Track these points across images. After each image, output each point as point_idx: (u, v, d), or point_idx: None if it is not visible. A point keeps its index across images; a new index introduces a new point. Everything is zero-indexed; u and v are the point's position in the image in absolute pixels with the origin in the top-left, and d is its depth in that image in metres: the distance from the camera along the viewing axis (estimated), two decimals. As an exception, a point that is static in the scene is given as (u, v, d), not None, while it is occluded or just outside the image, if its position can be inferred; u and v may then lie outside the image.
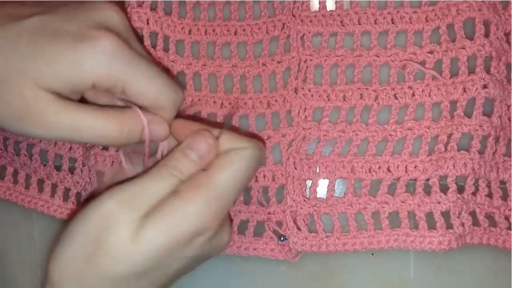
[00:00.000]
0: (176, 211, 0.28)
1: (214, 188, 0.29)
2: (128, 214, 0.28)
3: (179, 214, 0.28)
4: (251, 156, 0.30)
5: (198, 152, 0.30)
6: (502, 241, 0.35)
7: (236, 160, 0.29)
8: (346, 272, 0.37)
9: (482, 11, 0.34)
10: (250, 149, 0.30)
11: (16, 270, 0.43)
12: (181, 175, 0.29)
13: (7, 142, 0.43)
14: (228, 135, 0.30)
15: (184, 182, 0.29)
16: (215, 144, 0.30)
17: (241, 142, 0.30)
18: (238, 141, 0.30)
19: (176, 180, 0.29)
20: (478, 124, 0.34)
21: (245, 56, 0.38)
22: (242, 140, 0.30)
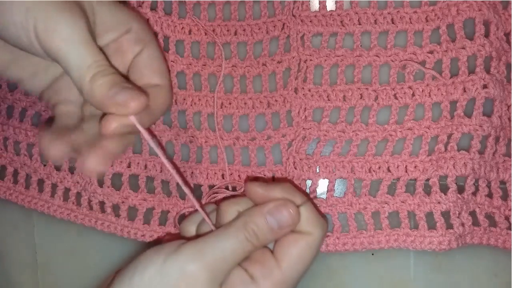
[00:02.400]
0: None
1: (285, 282, 0.30)
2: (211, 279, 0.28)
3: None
4: (318, 242, 0.31)
5: (280, 223, 0.30)
6: (502, 241, 0.35)
7: (304, 251, 0.30)
8: (346, 272, 0.37)
9: (482, 11, 0.34)
10: (319, 235, 0.31)
11: (16, 270, 0.43)
12: (257, 242, 0.30)
13: (7, 142, 0.43)
14: (305, 212, 0.31)
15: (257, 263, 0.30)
16: (298, 217, 0.30)
17: (313, 226, 0.31)
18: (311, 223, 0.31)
19: (251, 246, 0.30)
20: (478, 124, 0.34)
21: (245, 56, 0.38)
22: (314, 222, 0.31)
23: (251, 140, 0.38)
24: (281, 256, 0.30)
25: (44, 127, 0.33)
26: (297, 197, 0.31)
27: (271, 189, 0.31)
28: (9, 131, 0.43)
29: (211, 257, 0.29)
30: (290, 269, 0.30)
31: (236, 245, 0.29)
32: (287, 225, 0.30)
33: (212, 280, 0.28)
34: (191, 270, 0.28)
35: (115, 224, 0.40)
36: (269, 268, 0.30)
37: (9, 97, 0.43)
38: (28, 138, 0.42)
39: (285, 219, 0.30)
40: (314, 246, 0.30)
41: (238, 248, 0.29)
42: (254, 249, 0.30)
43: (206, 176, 0.38)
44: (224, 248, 0.29)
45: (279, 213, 0.30)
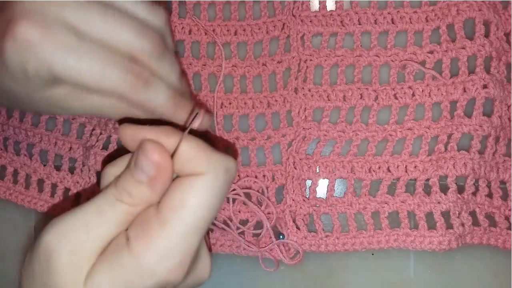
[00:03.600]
0: (129, 268, 0.23)
1: (170, 239, 0.23)
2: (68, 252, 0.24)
3: (132, 272, 0.23)
4: (212, 185, 0.24)
5: (145, 172, 0.24)
6: (502, 241, 0.35)
7: (193, 195, 0.24)
8: (346, 272, 0.37)
9: (482, 11, 0.34)
10: (212, 176, 0.24)
11: (16, 270, 0.43)
12: (131, 200, 0.24)
13: (7, 142, 0.43)
14: (188, 148, 0.24)
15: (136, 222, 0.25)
16: (164, 160, 0.24)
17: (202, 163, 0.24)
18: (198, 160, 0.24)
19: (125, 207, 0.24)
20: (478, 124, 0.34)
21: (245, 56, 0.38)
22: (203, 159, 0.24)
23: (251, 140, 0.38)
24: (162, 207, 0.24)
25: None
26: (174, 136, 0.24)
27: (143, 130, 0.25)
28: (9, 131, 0.43)
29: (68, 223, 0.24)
30: (172, 220, 0.23)
31: (103, 208, 0.24)
32: (153, 172, 0.24)
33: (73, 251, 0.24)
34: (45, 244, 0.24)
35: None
36: (146, 225, 0.24)
37: (9, 97, 0.43)
38: (28, 138, 0.42)
39: (147, 166, 0.24)
40: (205, 188, 0.24)
41: (106, 212, 0.24)
42: (134, 210, 0.25)
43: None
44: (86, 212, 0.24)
45: (141, 162, 0.24)
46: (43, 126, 0.42)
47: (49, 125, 0.42)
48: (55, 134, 0.41)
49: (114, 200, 0.25)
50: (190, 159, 0.24)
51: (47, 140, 0.41)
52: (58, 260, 0.24)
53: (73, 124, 0.41)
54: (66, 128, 0.41)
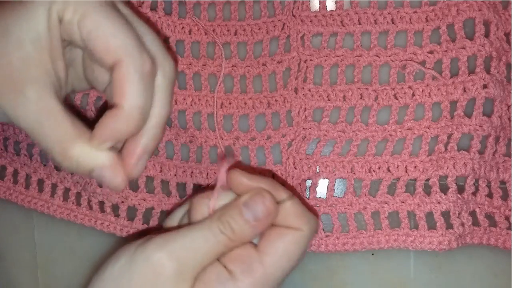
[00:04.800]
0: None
1: (267, 279, 0.28)
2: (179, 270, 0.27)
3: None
4: (306, 239, 0.29)
5: (254, 214, 0.28)
6: (502, 241, 0.35)
7: (291, 246, 0.28)
8: (346, 272, 0.37)
9: (482, 11, 0.34)
10: (308, 232, 0.29)
11: (16, 270, 0.43)
12: (232, 235, 0.28)
13: (7, 142, 0.43)
14: (291, 206, 0.29)
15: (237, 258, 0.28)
16: (274, 209, 0.28)
17: (301, 221, 0.29)
18: (299, 218, 0.29)
19: (226, 240, 0.28)
20: (478, 124, 0.34)
21: (245, 56, 0.38)
22: (303, 217, 0.29)
23: (251, 140, 0.38)
24: (265, 251, 0.28)
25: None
26: (281, 191, 0.29)
27: (255, 180, 0.29)
28: (9, 131, 0.43)
29: (179, 246, 0.27)
30: (273, 265, 0.28)
31: (209, 236, 0.27)
32: (262, 216, 0.28)
33: (180, 271, 0.27)
34: (157, 258, 0.27)
35: (114, 224, 0.40)
36: (249, 263, 0.28)
37: (9, 97, 0.43)
38: (28, 138, 0.42)
39: (260, 210, 0.28)
40: (301, 242, 0.28)
41: (210, 240, 0.27)
42: (231, 244, 0.28)
43: (206, 176, 0.38)
44: (194, 238, 0.27)
45: (254, 204, 0.28)
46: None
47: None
48: (55, 134, 0.41)
49: (218, 232, 0.28)
50: (292, 216, 0.29)
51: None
52: (167, 278, 0.27)
53: (73, 124, 0.41)
54: (66, 128, 0.41)
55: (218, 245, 0.28)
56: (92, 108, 0.41)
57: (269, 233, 0.29)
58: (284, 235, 0.28)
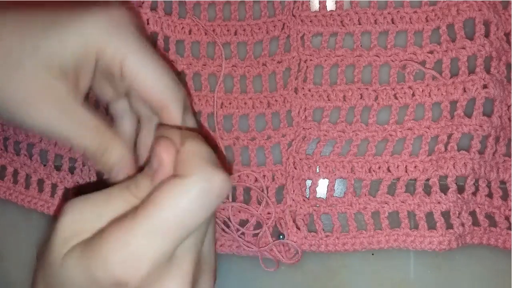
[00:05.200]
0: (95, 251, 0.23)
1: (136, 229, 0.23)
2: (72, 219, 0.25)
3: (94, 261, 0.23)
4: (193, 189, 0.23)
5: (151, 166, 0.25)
6: (502, 241, 0.35)
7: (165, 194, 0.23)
8: (346, 272, 0.37)
9: (482, 11, 0.34)
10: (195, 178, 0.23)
11: (16, 270, 0.43)
12: (136, 190, 0.25)
13: (7, 142, 0.43)
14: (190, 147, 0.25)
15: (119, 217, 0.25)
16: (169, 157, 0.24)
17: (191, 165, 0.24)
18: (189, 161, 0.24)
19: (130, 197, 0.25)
20: (478, 124, 0.34)
21: (245, 56, 0.38)
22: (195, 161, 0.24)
23: (251, 140, 0.38)
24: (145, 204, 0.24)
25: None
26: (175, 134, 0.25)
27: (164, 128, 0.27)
28: (9, 131, 0.43)
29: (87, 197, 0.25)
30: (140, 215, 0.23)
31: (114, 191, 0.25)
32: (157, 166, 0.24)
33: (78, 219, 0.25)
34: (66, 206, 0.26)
35: (115, 224, 0.39)
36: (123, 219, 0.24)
37: (9, 97, 0.43)
38: (28, 138, 0.42)
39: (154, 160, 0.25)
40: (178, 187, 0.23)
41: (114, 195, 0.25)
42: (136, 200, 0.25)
43: (206, 176, 0.38)
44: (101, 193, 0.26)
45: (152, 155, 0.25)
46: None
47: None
48: (55, 134, 0.41)
49: (124, 188, 0.26)
50: (184, 160, 0.24)
51: (47, 140, 0.41)
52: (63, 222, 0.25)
53: (73, 124, 0.41)
54: (66, 128, 0.41)
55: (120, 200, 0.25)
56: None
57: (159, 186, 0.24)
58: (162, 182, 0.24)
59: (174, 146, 0.25)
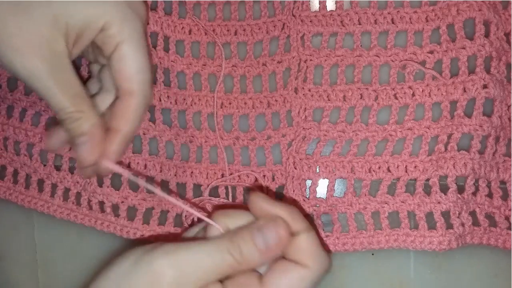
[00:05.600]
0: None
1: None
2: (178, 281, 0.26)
3: None
4: (312, 278, 0.27)
5: (265, 240, 0.27)
6: (502, 241, 0.35)
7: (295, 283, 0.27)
8: (346, 272, 0.37)
9: (482, 11, 0.34)
10: (315, 271, 0.27)
11: (16, 270, 0.43)
12: (239, 257, 0.27)
13: (7, 142, 0.43)
14: (305, 240, 0.27)
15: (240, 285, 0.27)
16: (286, 239, 0.27)
17: (311, 259, 0.27)
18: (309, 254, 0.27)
19: (232, 260, 0.27)
20: (478, 124, 0.34)
21: (245, 56, 0.38)
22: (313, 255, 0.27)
23: (251, 140, 0.38)
24: (267, 283, 0.27)
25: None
26: (299, 223, 0.28)
27: (275, 206, 0.28)
28: (9, 131, 0.43)
29: (184, 257, 0.26)
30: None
31: (215, 253, 0.27)
32: (273, 244, 0.27)
33: (179, 282, 0.26)
34: (159, 265, 0.26)
35: (114, 224, 0.40)
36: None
37: (9, 97, 0.43)
38: (28, 138, 0.42)
39: (272, 237, 0.27)
40: (307, 280, 0.27)
41: (216, 258, 0.27)
42: (237, 267, 0.27)
43: (206, 176, 0.38)
44: (200, 252, 0.27)
45: (267, 230, 0.27)
46: (43, 126, 0.42)
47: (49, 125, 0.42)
48: (55, 134, 0.41)
49: (226, 251, 0.27)
50: (303, 250, 0.27)
51: (47, 140, 0.41)
52: (164, 283, 0.26)
53: (73, 124, 0.41)
54: (66, 128, 0.41)
55: (223, 264, 0.27)
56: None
57: (276, 266, 0.28)
58: (290, 271, 0.27)
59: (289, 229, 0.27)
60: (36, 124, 0.42)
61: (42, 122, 0.42)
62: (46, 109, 0.42)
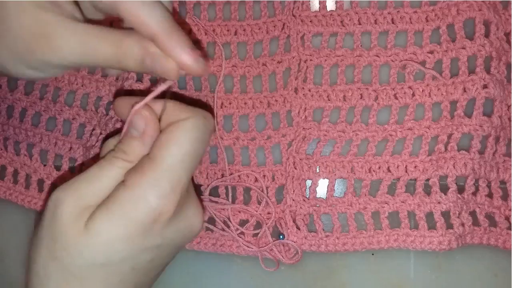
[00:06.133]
0: (124, 201, 0.27)
1: (160, 170, 0.27)
2: (72, 202, 0.27)
3: (127, 204, 0.27)
4: (194, 126, 0.28)
5: (137, 128, 0.28)
6: (502, 241, 0.35)
7: (178, 134, 0.27)
8: (346, 272, 0.37)
9: (482, 11, 0.34)
10: (192, 119, 0.28)
11: (16, 270, 0.43)
12: (126, 156, 0.28)
13: (7, 142, 0.43)
14: (171, 107, 0.29)
15: (131, 169, 0.28)
16: (152, 116, 0.28)
17: (183, 113, 0.28)
18: (180, 112, 0.28)
19: (122, 162, 0.28)
20: (478, 124, 0.34)
21: (245, 56, 0.38)
22: (183, 110, 0.28)
23: (251, 140, 0.38)
24: (153, 150, 0.28)
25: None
26: (157, 101, 0.29)
27: (133, 99, 0.29)
28: (9, 131, 0.43)
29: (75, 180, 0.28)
30: (160, 154, 0.27)
31: (103, 164, 0.28)
32: (145, 126, 0.28)
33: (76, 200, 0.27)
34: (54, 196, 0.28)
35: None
36: (139, 165, 0.28)
37: (9, 97, 0.43)
38: (28, 138, 0.42)
39: (139, 122, 0.28)
40: (189, 128, 0.28)
41: (105, 167, 0.28)
42: (128, 165, 0.28)
43: (206, 176, 0.38)
44: (88, 171, 0.28)
45: (134, 120, 0.28)
46: (43, 126, 0.42)
47: (49, 125, 0.42)
48: (55, 134, 0.41)
49: (111, 158, 0.28)
50: (174, 111, 0.28)
51: (47, 140, 0.41)
52: (64, 209, 0.27)
53: (73, 124, 0.41)
54: (66, 128, 0.41)
55: (113, 168, 0.28)
56: (92, 108, 0.41)
57: (158, 137, 0.28)
58: (168, 128, 0.28)
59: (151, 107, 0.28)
60: (36, 124, 0.42)
61: (42, 122, 0.42)
62: (46, 109, 0.42)
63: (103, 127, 0.40)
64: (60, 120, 0.41)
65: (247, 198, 0.38)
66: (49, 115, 0.42)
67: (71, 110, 0.41)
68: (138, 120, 0.28)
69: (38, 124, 0.42)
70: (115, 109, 0.30)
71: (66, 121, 0.41)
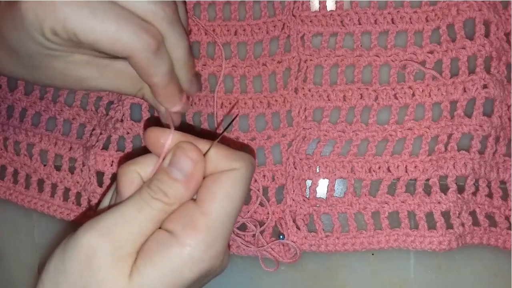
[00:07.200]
0: (177, 257, 0.25)
1: (215, 228, 0.26)
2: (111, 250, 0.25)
3: (181, 261, 0.25)
4: (244, 177, 0.27)
5: (181, 170, 0.26)
6: (502, 241, 0.35)
7: (229, 187, 0.26)
8: (346, 272, 0.37)
9: (482, 11, 0.34)
10: (243, 169, 0.27)
11: (16, 270, 0.43)
12: (166, 198, 0.26)
13: (7, 142, 0.43)
14: (217, 151, 0.27)
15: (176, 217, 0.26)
16: (200, 157, 0.26)
17: (233, 161, 0.27)
18: (229, 159, 0.27)
19: (162, 205, 0.26)
20: (478, 124, 0.34)
21: (245, 56, 0.38)
22: (233, 157, 0.27)
23: (251, 140, 0.38)
24: (203, 200, 0.26)
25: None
26: (202, 142, 0.27)
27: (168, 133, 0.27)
28: (9, 131, 0.43)
29: (109, 222, 0.25)
30: (215, 210, 0.26)
31: (141, 205, 0.25)
32: (190, 169, 0.26)
33: (116, 247, 0.25)
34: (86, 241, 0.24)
35: (115, 224, 0.39)
36: (189, 216, 0.26)
37: (9, 97, 0.43)
38: (28, 138, 0.42)
39: (185, 163, 0.26)
40: (239, 180, 0.26)
41: (144, 209, 0.25)
42: (169, 208, 0.26)
43: (206, 176, 0.38)
44: (125, 211, 0.25)
45: (178, 160, 0.26)
46: (43, 126, 0.42)
47: (49, 125, 0.42)
48: (55, 134, 0.41)
49: (150, 200, 0.26)
50: (222, 159, 0.27)
51: (47, 140, 0.41)
52: (102, 259, 0.25)
53: (73, 124, 0.41)
54: (66, 128, 0.41)
55: (153, 212, 0.26)
56: (92, 108, 0.41)
57: (205, 183, 0.27)
58: (219, 179, 0.26)
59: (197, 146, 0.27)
60: (36, 124, 0.42)
61: (42, 122, 0.42)
62: (46, 109, 0.42)
63: (103, 127, 0.40)
64: (60, 120, 0.41)
65: (247, 198, 0.38)
66: (49, 115, 0.42)
67: (71, 110, 0.41)
68: (184, 161, 0.26)
69: (38, 124, 0.42)
70: (147, 140, 0.27)
71: (66, 121, 0.41)
